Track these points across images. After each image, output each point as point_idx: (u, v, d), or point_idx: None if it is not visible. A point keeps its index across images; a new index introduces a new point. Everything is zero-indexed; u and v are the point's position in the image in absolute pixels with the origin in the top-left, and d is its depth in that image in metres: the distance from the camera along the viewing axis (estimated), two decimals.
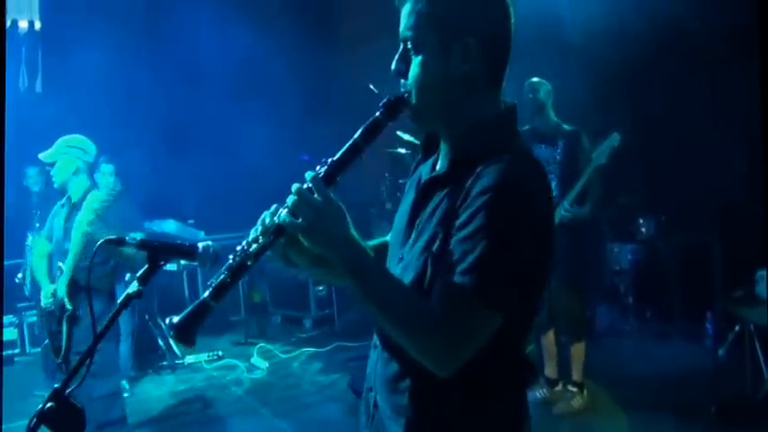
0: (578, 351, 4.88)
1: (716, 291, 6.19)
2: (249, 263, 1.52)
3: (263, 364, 6.46)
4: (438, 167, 1.60)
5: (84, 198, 3.90)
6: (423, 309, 1.39)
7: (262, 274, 7.92)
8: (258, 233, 1.52)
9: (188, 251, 1.69)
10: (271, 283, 8.09)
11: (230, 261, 1.52)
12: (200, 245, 1.69)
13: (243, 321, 7.79)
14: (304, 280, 7.40)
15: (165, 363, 6.59)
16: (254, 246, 1.52)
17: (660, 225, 6.75)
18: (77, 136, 4.00)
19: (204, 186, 8.09)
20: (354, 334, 6.84)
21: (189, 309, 1.51)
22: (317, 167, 1.50)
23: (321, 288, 7.62)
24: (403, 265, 1.57)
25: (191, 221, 7.67)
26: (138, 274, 1.60)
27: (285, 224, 1.45)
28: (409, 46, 1.51)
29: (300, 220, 1.42)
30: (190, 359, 6.67)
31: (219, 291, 1.51)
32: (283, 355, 6.80)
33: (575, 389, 4.88)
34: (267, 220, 1.53)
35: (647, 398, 4.87)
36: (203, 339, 7.10)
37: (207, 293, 1.52)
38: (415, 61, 1.50)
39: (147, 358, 6.61)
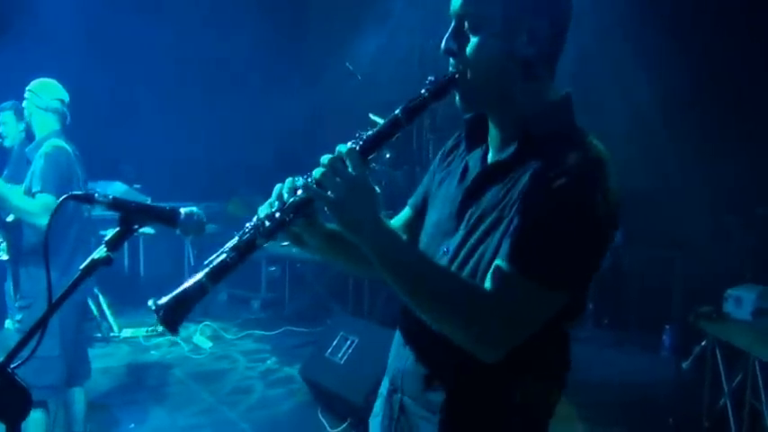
0: None
1: (676, 304, 6.27)
2: (260, 242, 1.37)
3: (207, 344, 6.20)
4: (499, 154, 1.47)
5: (37, 147, 3.55)
6: (476, 288, 1.33)
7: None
8: (275, 209, 1.39)
9: (169, 216, 1.50)
10: None
11: (236, 239, 1.37)
12: (183, 210, 1.51)
13: None
14: (255, 258, 7.10)
15: (99, 335, 6.25)
16: (269, 223, 1.37)
17: (627, 235, 6.70)
18: (39, 79, 3.67)
19: (151, 152, 7.72)
20: (304, 319, 6.72)
21: (180, 289, 1.31)
22: (350, 142, 1.38)
23: (274, 268, 7.35)
24: (451, 255, 1.46)
25: (137, 186, 7.29)
26: (107, 238, 1.40)
27: (314, 196, 1.34)
28: (466, 24, 1.40)
29: (330, 193, 1.31)
30: (127, 333, 6.34)
31: (220, 272, 1.33)
32: (228, 336, 6.55)
33: None
34: (285, 196, 1.40)
35: (603, 405, 4.85)
36: (141, 312, 6.79)
37: (203, 274, 1.32)
38: (474, 41, 1.39)
39: (80, 328, 6.23)
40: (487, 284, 1.32)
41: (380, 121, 4.58)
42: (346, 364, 4.53)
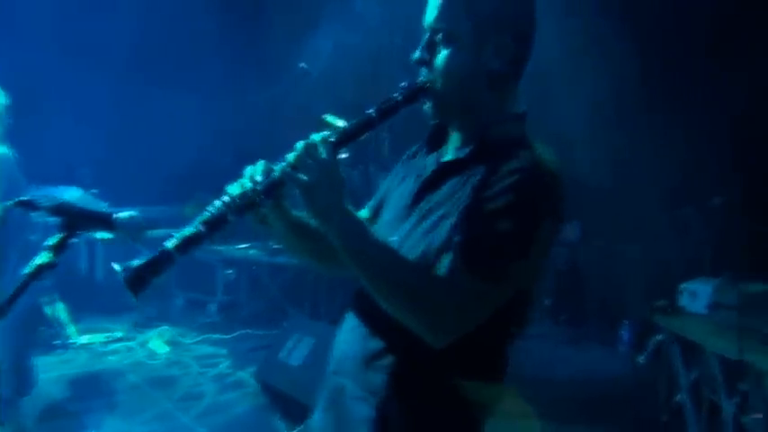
0: None
1: (634, 299, 6.25)
2: (231, 217, 1.39)
3: (163, 349, 6.13)
4: (457, 153, 1.58)
5: None
6: (431, 279, 1.40)
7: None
8: (247, 188, 1.42)
9: (105, 219, 1.55)
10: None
11: (205, 213, 1.38)
12: (123, 214, 1.50)
13: (143, 302, 7.30)
14: (211, 261, 7.06)
15: (58, 342, 6.13)
16: (240, 201, 1.40)
17: (584, 231, 6.75)
18: None
19: (109, 156, 7.61)
20: (261, 322, 6.67)
21: (148, 256, 1.33)
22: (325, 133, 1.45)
23: (230, 271, 7.26)
24: (401, 239, 1.54)
25: (94, 191, 7.15)
26: (50, 243, 1.42)
27: (286, 178, 1.39)
28: (438, 37, 1.51)
29: (304, 176, 1.36)
30: (84, 339, 6.24)
31: (188, 242, 1.33)
32: (185, 340, 6.46)
33: None
34: (259, 177, 1.43)
35: (561, 402, 4.84)
36: (99, 318, 6.70)
37: (170, 242, 1.32)
38: (444, 53, 1.51)
39: (37, 334, 6.11)
40: (440, 273, 1.39)
41: (336, 122, 4.53)
42: (302, 366, 4.50)
